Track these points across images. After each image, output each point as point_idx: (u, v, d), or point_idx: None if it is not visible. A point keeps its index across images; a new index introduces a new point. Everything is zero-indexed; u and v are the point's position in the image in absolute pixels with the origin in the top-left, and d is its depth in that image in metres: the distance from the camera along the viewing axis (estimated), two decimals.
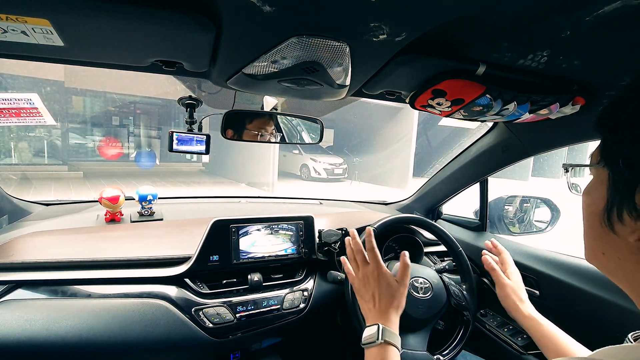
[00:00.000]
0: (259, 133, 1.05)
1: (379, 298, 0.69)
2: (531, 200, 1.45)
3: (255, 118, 1.03)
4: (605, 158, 0.37)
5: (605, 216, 0.36)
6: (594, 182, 0.40)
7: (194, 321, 0.92)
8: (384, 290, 0.69)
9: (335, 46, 0.53)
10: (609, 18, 0.45)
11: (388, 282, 0.70)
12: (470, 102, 0.69)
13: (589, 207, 0.40)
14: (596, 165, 0.38)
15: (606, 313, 0.90)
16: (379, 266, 0.72)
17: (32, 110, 0.92)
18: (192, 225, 1.19)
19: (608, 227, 0.36)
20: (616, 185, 0.35)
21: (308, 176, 10.12)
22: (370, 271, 0.72)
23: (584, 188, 0.42)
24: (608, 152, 0.37)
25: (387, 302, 0.68)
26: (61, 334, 0.80)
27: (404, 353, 0.94)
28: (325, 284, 1.14)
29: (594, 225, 0.38)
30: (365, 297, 0.71)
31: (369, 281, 0.71)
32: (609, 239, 0.36)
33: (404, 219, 1.15)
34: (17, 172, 7.32)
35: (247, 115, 1.02)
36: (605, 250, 0.38)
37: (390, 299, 0.69)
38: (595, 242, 0.39)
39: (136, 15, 0.46)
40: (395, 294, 0.70)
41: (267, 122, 1.05)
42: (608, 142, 0.37)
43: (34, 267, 0.90)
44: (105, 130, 9.94)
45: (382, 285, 0.70)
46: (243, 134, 1.02)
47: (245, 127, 1.03)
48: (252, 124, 1.04)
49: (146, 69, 0.67)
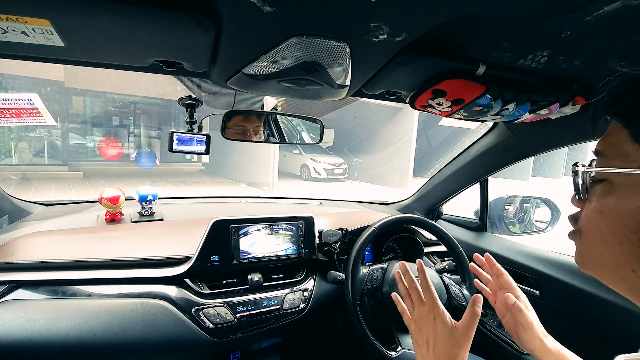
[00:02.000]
0: (259, 133, 1.05)
1: (433, 344, 0.58)
2: (531, 200, 1.45)
3: (255, 118, 1.03)
4: None
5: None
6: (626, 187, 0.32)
7: (194, 321, 0.92)
8: (439, 336, 0.58)
9: (335, 46, 0.53)
10: (609, 18, 0.45)
11: (446, 327, 0.58)
12: (471, 102, 0.69)
13: (618, 219, 0.33)
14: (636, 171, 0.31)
15: (606, 313, 0.90)
16: (435, 307, 0.60)
17: (32, 111, 0.92)
18: (192, 225, 1.19)
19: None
20: None
21: (308, 176, 10.11)
22: (425, 312, 0.61)
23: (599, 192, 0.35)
24: None
25: (442, 350, 0.57)
26: (61, 334, 0.80)
27: (404, 353, 0.94)
28: (326, 284, 1.14)
29: (626, 240, 0.32)
30: (419, 340, 0.61)
31: (424, 323, 0.61)
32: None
33: (404, 219, 1.15)
34: (18, 172, 7.32)
35: (247, 115, 1.02)
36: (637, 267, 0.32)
37: (445, 347, 0.57)
38: (625, 258, 0.33)
39: (136, 15, 0.46)
40: (454, 342, 0.57)
41: (267, 122, 1.05)
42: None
43: (34, 267, 0.90)
44: (105, 131, 9.94)
45: (438, 330, 0.58)
46: (243, 134, 1.02)
47: (246, 128, 1.03)
48: (253, 124, 1.04)
49: (146, 69, 0.67)
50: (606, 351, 0.46)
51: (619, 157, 0.32)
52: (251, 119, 1.03)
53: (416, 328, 0.62)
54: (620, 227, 0.33)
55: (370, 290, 1.04)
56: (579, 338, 0.58)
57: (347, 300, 0.98)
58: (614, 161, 0.33)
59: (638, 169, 0.31)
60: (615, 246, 0.33)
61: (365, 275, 1.03)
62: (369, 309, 1.09)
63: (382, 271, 1.06)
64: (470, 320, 0.57)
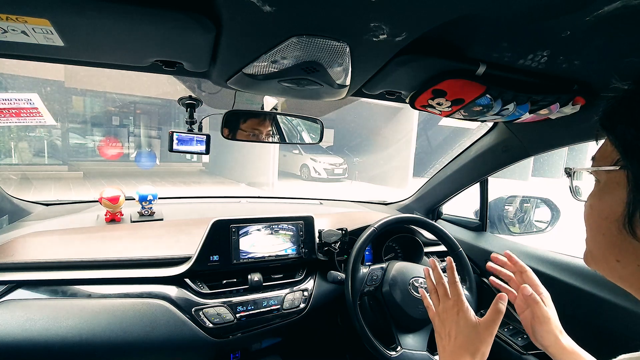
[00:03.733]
0: (259, 133, 1.05)
1: (454, 337, 0.60)
2: (531, 200, 1.45)
3: (255, 118, 1.03)
4: (629, 157, 0.33)
5: (625, 222, 0.33)
6: (607, 185, 0.36)
7: (194, 321, 0.92)
8: (461, 329, 0.59)
9: (335, 46, 0.53)
10: (609, 18, 0.45)
11: (468, 322, 0.60)
12: (471, 102, 0.69)
13: (601, 212, 0.37)
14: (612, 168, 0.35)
15: (606, 313, 0.90)
16: (459, 302, 0.62)
17: (32, 110, 0.92)
18: (192, 225, 1.19)
19: (629, 233, 0.33)
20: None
21: (308, 176, 10.11)
22: (450, 306, 0.63)
23: (592, 192, 0.39)
24: (631, 151, 0.33)
25: (462, 343, 0.58)
26: (61, 334, 0.80)
27: (404, 353, 0.94)
28: (326, 284, 1.14)
29: (608, 232, 0.35)
30: (442, 333, 0.63)
31: (447, 317, 0.63)
32: (629, 245, 0.34)
33: (404, 219, 1.15)
34: (17, 172, 7.32)
35: (247, 115, 1.01)
36: (621, 257, 0.35)
37: (466, 340, 0.58)
38: (609, 249, 0.36)
39: (136, 15, 0.46)
40: (476, 337, 0.58)
41: (267, 122, 1.05)
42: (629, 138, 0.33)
43: (34, 267, 0.90)
44: (105, 130, 9.94)
45: (461, 324, 0.60)
46: (243, 134, 1.02)
47: (246, 127, 1.03)
48: (252, 124, 1.03)
49: (146, 69, 0.67)
50: (606, 351, 0.46)
51: (603, 159, 0.37)
52: (251, 119, 1.03)
53: (440, 321, 0.63)
54: (602, 220, 0.36)
55: (370, 290, 1.04)
56: (579, 338, 0.58)
57: (347, 300, 0.98)
58: (599, 162, 0.38)
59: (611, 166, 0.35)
60: (600, 239, 0.37)
61: (365, 275, 1.03)
62: (369, 309, 1.09)
63: (382, 271, 1.06)
64: (493, 316, 0.58)
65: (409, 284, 1.01)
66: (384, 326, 1.03)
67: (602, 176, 0.37)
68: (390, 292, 1.01)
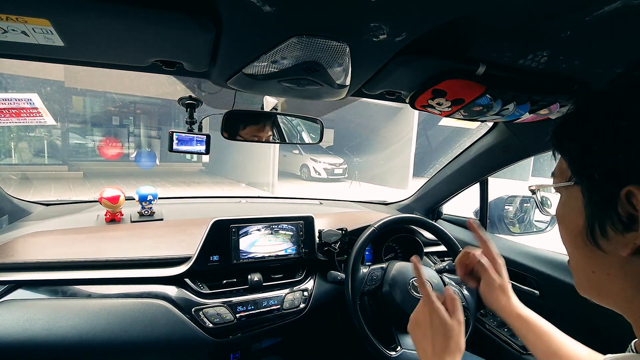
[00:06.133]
0: (259, 133, 1.05)
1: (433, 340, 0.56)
2: (531, 200, 1.45)
3: (255, 118, 1.03)
4: (578, 174, 0.34)
5: (587, 234, 0.34)
6: (566, 199, 0.37)
7: (194, 321, 0.92)
8: (437, 330, 0.56)
9: (335, 46, 0.53)
10: (609, 18, 0.45)
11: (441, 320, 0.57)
12: (470, 102, 0.69)
13: (567, 227, 0.37)
14: (567, 183, 0.36)
15: (606, 313, 0.90)
16: (429, 301, 0.58)
17: (32, 110, 0.92)
18: (192, 225, 1.19)
19: (593, 244, 0.33)
20: (594, 200, 0.32)
21: (308, 176, 10.11)
22: (420, 307, 0.60)
23: (556, 209, 0.39)
24: (580, 167, 0.34)
25: (443, 344, 0.55)
26: (61, 334, 0.80)
27: (404, 353, 0.94)
28: (325, 284, 1.14)
29: (577, 245, 0.36)
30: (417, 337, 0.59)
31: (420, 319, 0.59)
32: (596, 256, 0.34)
33: (404, 219, 1.15)
34: (17, 172, 7.32)
35: (247, 115, 1.01)
36: (595, 268, 0.35)
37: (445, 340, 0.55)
38: (583, 261, 0.36)
39: (136, 15, 0.46)
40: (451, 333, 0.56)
41: (267, 122, 1.05)
42: (575, 155, 0.34)
43: (34, 267, 0.90)
44: (105, 130, 9.94)
45: (435, 324, 0.57)
46: (243, 134, 1.02)
47: (246, 127, 1.03)
48: (252, 123, 1.03)
49: (146, 69, 0.67)
50: (606, 351, 0.46)
51: (560, 175, 0.38)
52: (251, 119, 1.03)
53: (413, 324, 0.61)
54: (569, 233, 0.37)
55: (370, 290, 1.04)
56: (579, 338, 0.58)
57: (347, 300, 0.98)
58: (557, 179, 0.39)
59: (567, 182, 0.36)
60: (573, 250, 0.38)
61: (365, 275, 1.03)
62: (369, 308, 1.09)
63: (382, 271, 1.06)
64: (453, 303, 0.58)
65: (409, 284, 1.01)
66: (384, 326, 1.03)
67: (562, 191, 0.38)
68: (390, 292, 1.01)
